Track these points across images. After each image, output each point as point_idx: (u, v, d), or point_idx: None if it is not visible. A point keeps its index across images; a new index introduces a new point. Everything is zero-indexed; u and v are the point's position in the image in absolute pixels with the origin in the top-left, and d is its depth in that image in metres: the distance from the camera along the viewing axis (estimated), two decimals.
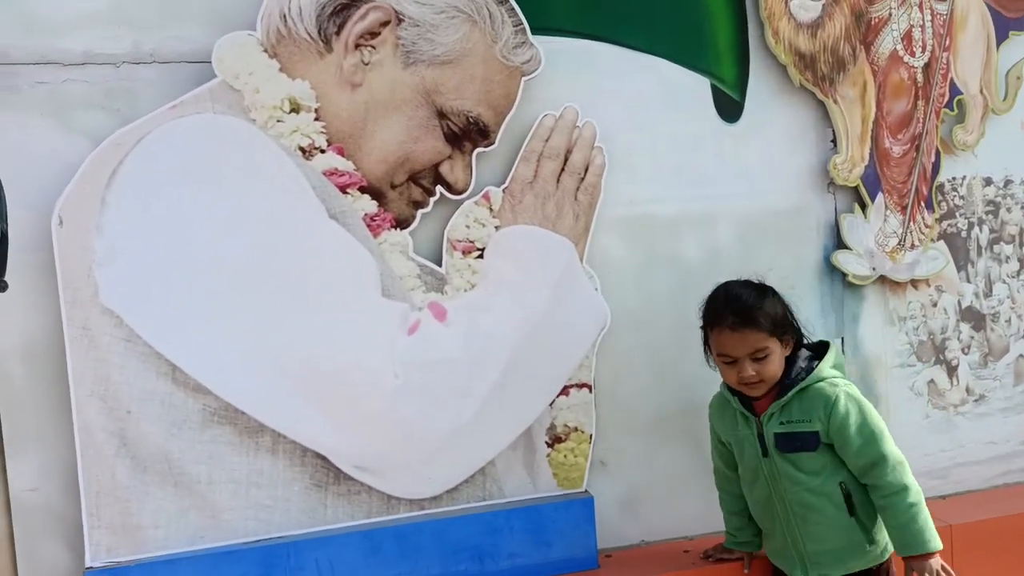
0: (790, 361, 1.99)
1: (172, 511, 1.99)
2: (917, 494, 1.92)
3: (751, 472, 2.05)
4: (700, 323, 2.04)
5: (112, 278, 1.92)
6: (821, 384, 1.95)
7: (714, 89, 2.37)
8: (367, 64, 2.02)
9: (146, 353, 1.96)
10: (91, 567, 1.93)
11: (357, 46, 2.02)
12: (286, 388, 2.01)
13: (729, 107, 2.38)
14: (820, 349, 2.06)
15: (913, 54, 2.46)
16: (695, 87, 2.36)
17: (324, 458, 2.07)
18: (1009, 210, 2.67)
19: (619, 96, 2.28)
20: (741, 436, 2.05)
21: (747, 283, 2.02)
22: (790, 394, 1.95)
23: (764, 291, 2.00)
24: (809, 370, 1.97)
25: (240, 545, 2.02)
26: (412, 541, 2.11)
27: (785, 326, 1.98)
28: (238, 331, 1.98)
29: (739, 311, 1.93)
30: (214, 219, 1.96)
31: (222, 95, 1.97)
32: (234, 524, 2.03)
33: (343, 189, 2.02)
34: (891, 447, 1.94)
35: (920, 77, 2.48)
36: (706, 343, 2.04)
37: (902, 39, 2.44)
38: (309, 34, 2.00)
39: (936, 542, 1.91)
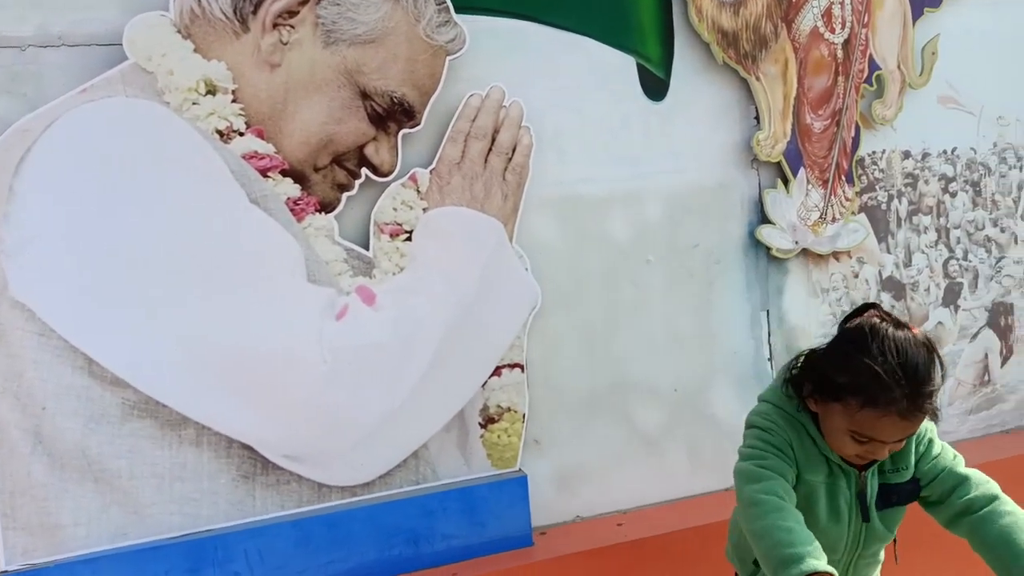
0: None
1: (93, 508, 1.96)
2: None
3: (830, 537, 1.56)
4: (829, 371, 1.47)
5: (22, 270, 1.87)
6: None
7: (640, 68, 2.40)
8: (286, 44, 1.99)
9: (61, 347, 1.91)
10: (6, 571, 1.90)
11: (275, 25, 1.99)
12: (209, 378, 1.99)
13: (655, 86, 2.42)
14: None
15: (833, 31, 2.53)
16: (621, 66, 2.39)
17: (251, 448, 2.06)
18: (927, 182, 2.79)
19: (546, 76, 2.30)
20: (830, 489, 1.56)
21: (917, 341, 1.44)
22: None
23: (935, 358, 1.45)
24: None
25: (165, 540, 2.00)
26: (344, 528, 2.12)
27: (937, 413, 1.51)
28: (157, 322, 1.95)
29: (923, 396, 1.41)
30: (129, 207, 1.92)
31: (134, 78, 1.92)
32: (159, 519, 2.01)
33: (264, 173, 2.00)
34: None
35: (840, 53, 2.56)
36: (821, 393, 1.49)
37: (822, 16, 2.51)
38: (224, 13, 1.96)
39: None
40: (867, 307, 1.52)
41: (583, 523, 2.45)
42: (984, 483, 1.56)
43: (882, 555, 1.68)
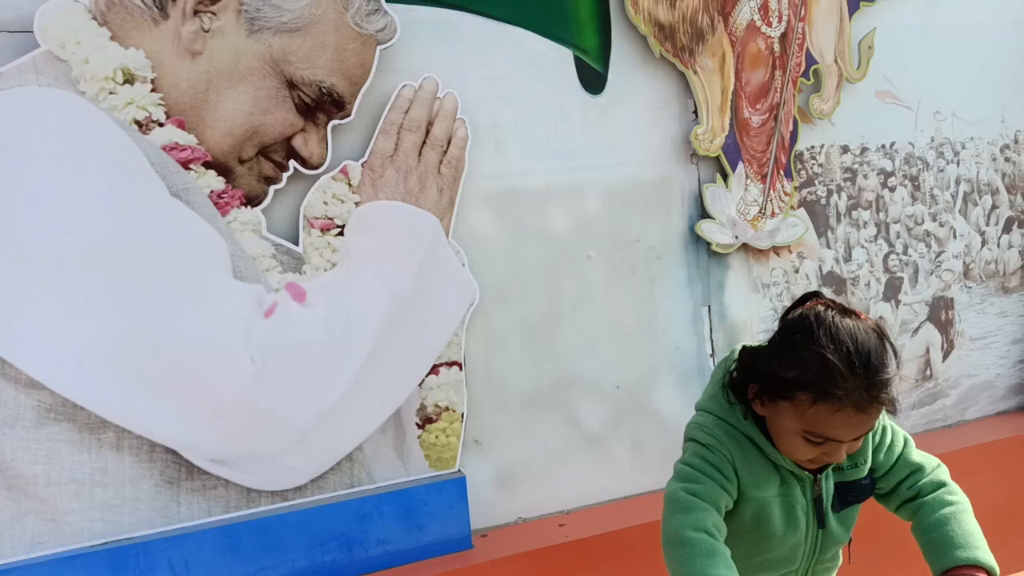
0: None
1: (6, 517, 1.88)
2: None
3: (788, 546, 1.49)
4: (778, 370, 1.36)
5: None
6: None
7: (577, 60, 2.38)
8: (207, 31, 1.93)
9: None
10: None
11: (196, 12, 1.93)
12: (130, 380, 1.92)
13: (593, 79, 2.40)
14: None
15: (770, 24, 2.54)
16: (559, 58, 2.37)
17: (175, 453, 1.99)
18: (866, 176, 2.81)
19: (482, 67, 2.27)
20: (784, 501, 1.47)
21: (867, 327, 1.34)
22: None
23: (885, 341, 1.35)
24: None
25: (85, 549, 1.92)
26: (274, 534, 2.05)
27: (896, 403, 1.39)
28: (74, 321, 1.88)
29: (878, 385, 1.30)
30: (42, 200, 1.84)
31: (47, 66, 1.84)
32: (78, 527, 1.93)
33: (185, 165, 1.93)
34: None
35: (777, 47, 2.57)
36: (768, 393, 1.38)
37: (759, 9, 2.52)
38: (143, 0, 1.90)
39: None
40: (809, 296, 1.43)
41: (525, 524, 2.42)
42: (934, 469, 1.53)
43: (840, 557, 1.62)
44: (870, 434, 1.49)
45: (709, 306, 2.61)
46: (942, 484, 1.51)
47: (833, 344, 1.30)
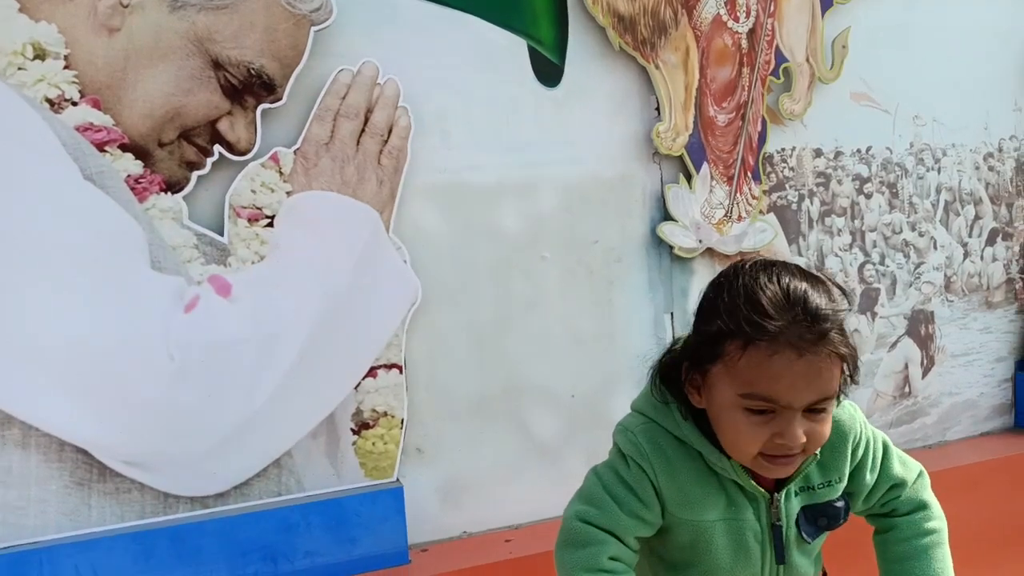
0: None
1: None
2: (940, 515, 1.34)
3: None
4: (704, 328, 1.18)
5: None
6: (837, 414, 1.24)
7: (531, 51, 2.29)
8: (126, 7, 1.84)
9: None
10: None
11: None
12: (37, 374, 1.82)
13: (548, 70, 2.31)
14: None
15: (737, 19, 2.45)
16: (511, 48, 2.27)
17: (86, 453, 1.88)
18: (840, 182, 2.70)
19: (427, 54, 2.17)
20: (731, 527, 1.25)
21: (800, 269, 1.16)
22: (817, 453, 1.22)
23: (840, 290, 1.17)
24: None
25: None
26: (192, 543, 1.94)
27: (856, 359, 1.17)
28: None
29: (816, 318, 1.09)
30: None
31: None
32: None
33: (100, 147, 1.84)
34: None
35: (745, 43, 2.47)
36: (699, 366, 1.19)
37: (725, 3, 2.43)
38: None
39: None
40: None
41: (469, 539, 2.29)
42: (915, 482, 1.31)
43: None
44: (850, 447, 1.25)
45: (672, 313, 2.50)
46: (921, 505, 1.32)
47: (757, 283, 1.11)
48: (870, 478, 1.29)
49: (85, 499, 1.90)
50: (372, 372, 2.13)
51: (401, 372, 2.16)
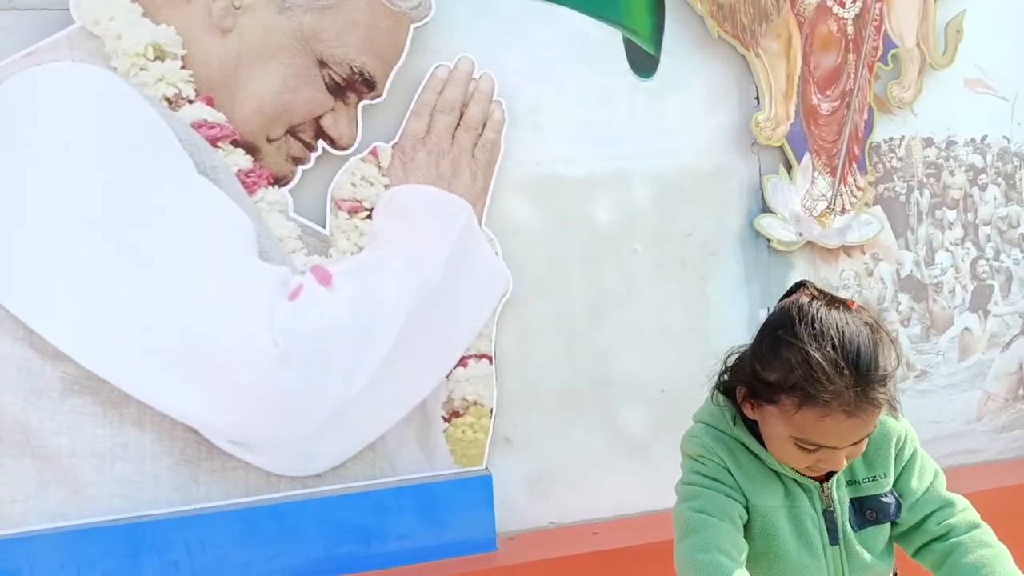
0: None
1: (30, 485, 2.00)
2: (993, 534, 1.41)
3: (808, 572, 1.37)
4: (761, 372, 1.30)
5: None
6: (883, 417, 1.36)
7: (626, 42, 2.37)
8: (238, 8, 2.01)
9: (1, 316, 1.95)
10: None
11: None
12: (152, 355, 2.02)
13: (643, 61, 2.38)
14: None
15: (843, 4, 2.46)
16: (606, 39, 2.36)
17: (196, 432, 2.08)
18: (952, 173, 2.68)
19: (522, 48, 2.28)
20: (792, 513, 1.38)
21: (856, 318, 1.28)
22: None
23: (889, 337, 1.30)
24: None
25: (104, 523, 2.03)
26: (291, 521, 2.11)
27: (895, 401, 1.31)
28: (100, 294, 1.98)
29: (869, 383, 1.23)
30: (72, 174, 1.96)
31: (81, 42, 1.96)
32: (98, 500, 2.03)
33: (214, 142, 2.02)
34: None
35: (851, 29, 2.48)
36: (755, 396, 1.33)
37: None
38: None
39: None
40: (798, 286, 1.38)
41: (556, 530, 2.41)
42: (965, 508, 1.43)
43: None
44: (893, 445, 1.40)
45: (769, 308, 2.54)
46: (976, 525, 1.40)
47: (816, 341, 1.23)
48: (917, 485, 1.41)
49: (194, 476, 2.10)
50: (463, 362, 2.26)
51: (491, 363, 2.28)
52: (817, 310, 1.27)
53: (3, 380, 1.97)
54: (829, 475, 1.39)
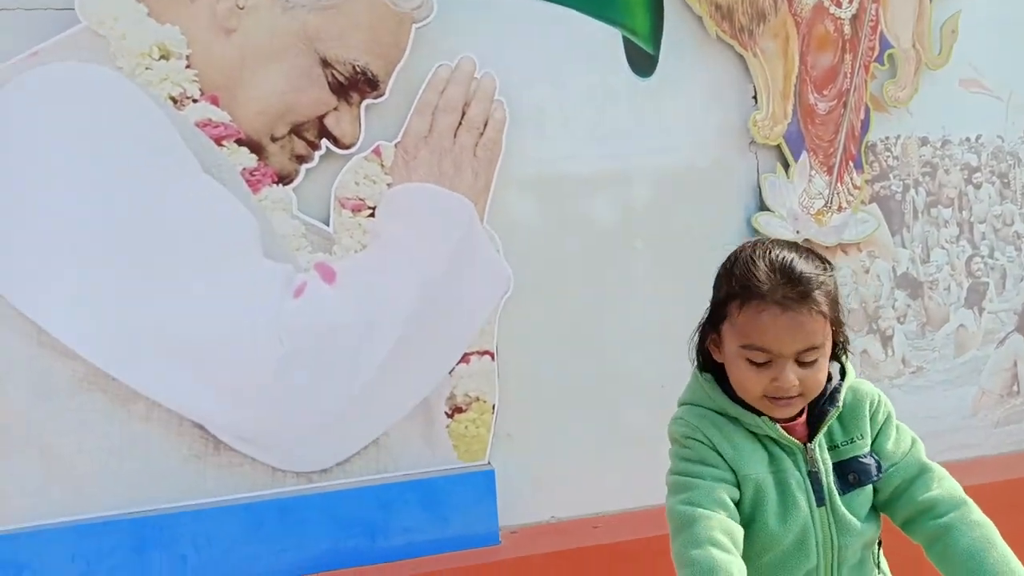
0: None
1: (38, 480, 2.03)
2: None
3: (795, 536, 1.41)
4: (716, 295, 1.47)
5: None
6: (856, 383, 1.48)
7: (626, 42, 2.40)
8: (242, 8, 2.04)
9: (9, 314, 1.98)
10: None
11: None
12: (160, 352, 2.05)
13: (642, 61, 2.42)
14: None
15: (840, 5, 2.50)
16: (606, 39, 2.39)
17: (203, 428, 2.11)
18: (947, 172, 2.72)
19: (523, 48, 2.31)
20: (778, 478, 1.42)
21: (794, 245, 1.44)
22: (839, 405, 1.44)
23: (824, 262, 1.43)
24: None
25: (111, 517, 2.06)
26: (297, 515, 2.15)
27: (840, 320, 1.43)
28: (107, 293, 2.02)
29: (797, 281, 1.36)
30: (78, 172, 1.99)
31: (86, 42, 1.99)
32: (105, 496, 2.06)
33: (218, 141, 2.05)
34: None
35: (848, 29, 2.52)
36: (715, 326, 1.46)
37: None
38: None
39: None
40: None
41: (558, 524, 2.44)
42: (946, 479, 1.45)
43: (870, 563, 1.46)
44: (868, 409, 1.46)
45: None
46: (963, 501, 1.43)
47: (754, 255, 1.40)
48: (893, 448, 1.45)
49: (201, 471, 2.13)
50: (465, 358, 2.29)
51: (493, 359, 2.32)
52: (757, 241, 1.46)
53: (12, 377, 2.00)
54: (811, 437, 1.44)
